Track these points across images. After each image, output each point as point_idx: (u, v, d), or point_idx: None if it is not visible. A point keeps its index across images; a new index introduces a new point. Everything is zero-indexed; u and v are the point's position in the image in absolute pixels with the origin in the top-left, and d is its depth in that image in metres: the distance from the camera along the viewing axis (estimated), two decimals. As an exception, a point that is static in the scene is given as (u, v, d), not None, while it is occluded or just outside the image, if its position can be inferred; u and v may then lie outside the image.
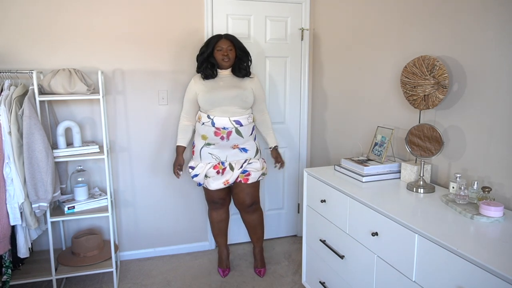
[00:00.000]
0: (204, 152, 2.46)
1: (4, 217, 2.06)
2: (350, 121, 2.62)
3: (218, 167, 2.47)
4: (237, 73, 2.46)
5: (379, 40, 2.26)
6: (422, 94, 1.80)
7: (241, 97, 2.40)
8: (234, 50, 2.42)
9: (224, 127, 2.39)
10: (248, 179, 2.49)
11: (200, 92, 2.43)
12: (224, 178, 2.46)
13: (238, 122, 2.41)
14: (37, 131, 2.08)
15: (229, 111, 2.40)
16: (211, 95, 2.38)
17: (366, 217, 1.67)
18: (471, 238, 1.30)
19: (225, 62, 2.40)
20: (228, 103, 2.38)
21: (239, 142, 2.45)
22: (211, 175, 2.46)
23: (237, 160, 2.48)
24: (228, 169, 2.47)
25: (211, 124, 2.40)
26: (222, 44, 2.39)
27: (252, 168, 2.50)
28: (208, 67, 2.43)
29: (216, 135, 2.41)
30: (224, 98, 2.38)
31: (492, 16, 1.58)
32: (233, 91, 2.40)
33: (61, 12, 2.49)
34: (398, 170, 2.00)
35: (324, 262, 2.07)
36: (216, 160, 2.47)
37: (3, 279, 2.17)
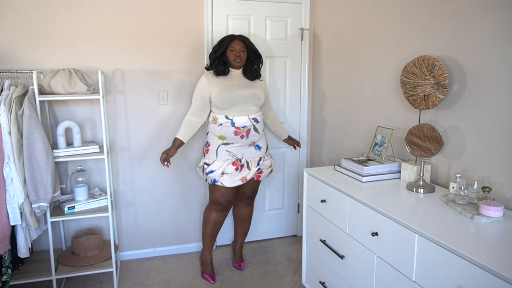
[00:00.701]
0: (221, 150, 2.47)
1: (4, 217, 2.06)
2: (350, 121, 2.62)
3: (237, 163, 2.49)
4: (248, 75, 2.50)
5: (379, 40, 2.26)
6: (422, 94, 1.80)
7: (256, 96, 2.46)
8: (246, 52, 2.45)
9: (244, 125, 2.42)
10: (260, 176, 2.60)
11: (215, 90, 2.41)
12: (241, 175, 2.50)
13: (255, 119, 2.46)
14: (37, 131, 2.08)
15: (247, 110, 2.43)
16: (229, 94, 2.39)
17: (366, 217, 1.67)
18: (471, 238, 1.30)
19: (237, 63, 2.43)
20: (245, 102, 2.42)
21: (256, 138, 2.51)
22: (229, 171, 2.46)
23: (252, 158, 2.54)
24: (245, 167, 2.51)
25: (230, 124, 2.40)
26: (235, 45, 2.42)
27: (264, 166, 2.60)
28: (220, 64, 2.44)
29: (236, 134, 2.42)
30: (241, 97, 2.41)
31: (492, 16, 1.58)
32: (249, 90, 2.45)
33: (61, 12, 2.49)
34: (398, 170, 2.00)
35: (324, 262, 2.07)
36: (233, 157, 2.48)
37: (3, 279, 2.17)
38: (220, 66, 2.44)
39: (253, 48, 2.48)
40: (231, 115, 2.41)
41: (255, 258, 2.94)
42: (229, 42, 2.42)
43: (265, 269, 2.77)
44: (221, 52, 2.42)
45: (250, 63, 2.49)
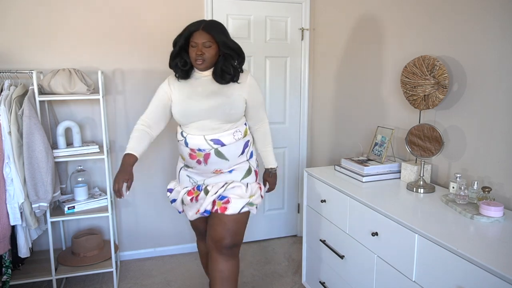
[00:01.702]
0: (183, 174, 1.96)
1: (4, 217, 2.06)
2: (350, 121, 2.62)
3: (193, 193, 1.91)
4: (218, 78, 1.78)
5: (379, 40, 2.26)
6: (422, 94, 1.80)
7: (224, 108, 1.76)
8: (216, 47, 1.76)
9: (199, 148, 1.79)
10: (227, 208, 1.81)
11: (174, 99, 1.84)
12: (197, 206, 1.90)
13: (217, 141, 1.78)
14: (37, 131, 2.08)
15: (205, 127, 1.77)
16: (185, 106, 1.79)
17: (366, 217, 1.67)
18: (471, 238, 1.30)
19: (198, 64, 1.75)
20: (204, 116, 1.76)
21: (222, 166, 1.84)
22: (186, 202, 1.94)
23: (215, 183, 1.88)
24: (202, 194, 1.88)
25: (184, 143, 1.83)
26: (197, 38, 1.72)
27: (234, 194, 1.84)
28: (178, 66, 1.82)
29: (191, 157, 1.84)
30: (200, 110, 1.76)
31: (492, 16, 1.58)
32: (212, 100, 1.76)
33: (61, 12, 2.49)
34: (398, 170, 2.00)
35: (324, 262, 2.07)
36: (192, 184, 1.93)
37: (3, 279, 2.17)
38: (178, 68, 1.82)
39: (224, 40, 1.76)
40: (185, 132, 1.83)
41: (255, 258, 2.94)
42: (191, 34, 1.75)
43: (265, 269, 2.77)
44: (180, 46, 1.79)
45: (223, 60, 1.78)
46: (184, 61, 1.81)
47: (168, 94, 1.86)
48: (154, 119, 1.87)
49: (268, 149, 2.02)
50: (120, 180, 1.72)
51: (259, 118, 1.94)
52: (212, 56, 1.75)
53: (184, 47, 1.79)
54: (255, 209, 1.89)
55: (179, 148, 1.89)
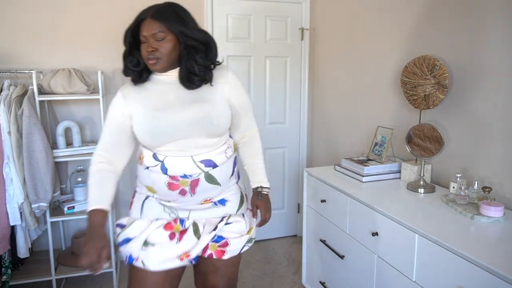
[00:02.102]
0: (151, 203, 1.42)
1: (4, 217, 2.06)
2: (350, 121, 2.62)
3: (173, 227, 1.40)
4: (184, 81, 1.33)
5: (379, 39, 2.26)
6: (422, 94, 1.80)
7: (210, 119, 1.33)
8: (173, 39, 1.29)
9: (184, 174, 1.33)
10: (225, 251, 1.45)
11: (136, 115, 1.35)
12: (182, 248, 1.38)
13: (209, 162, 1.35)
14: (37, 131, 2.08)
15: (190, 145, 1.33)
16: (155, 123, 1.32)
17: (366, 217, 1.67)
18: (471, 238, 1.30)
19: (151, 64, 1.29)
20: (185, 132, 1.32)
21: (213, 194, 1.41)
22: (157, 240, 1.37)
23: (206, 219, 1.43)
24: (191, 234, 1.40)
25: (160, 169, 1.34)
26: (145, 30, 1.28)
27: (233, 233, 1.46)
28: (128, 67, 1.36)
29: (171, 188, 1.34)
30: (178, 124, 1.31)
31: (493, 16, 1.57)
32: (194, 110, 1.32)
33: (60, 12, 2.49)
34: (398, 170, 2.00)
35: (324, 262, 2.07)
36: (170, 215, 1.41)
37: (3, 279, 2.17)
38: (128, 70, 1.36)
39: (181, 29, 1.28)
40: (161, 155, 1.34)
41: (255, 258, 2.94)
42: (138, 26, 1.32)
43: (265, 269, 2.77)
44: (130, 43, 1.33)
45: (187, 57, 1.31)
46: (137, 61, 1.34)
47: (125, 111, 1.36)
48: (114, 151, 1.38)
49: (258, 162, 1.55)
50: (91, 252, 1.17)
51: (247, 125, 1.52)
52: (169, 52, 1.28)
53: (135, 44, 1.33)
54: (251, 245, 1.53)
55: (146, 176, 1.38)
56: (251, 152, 1.55)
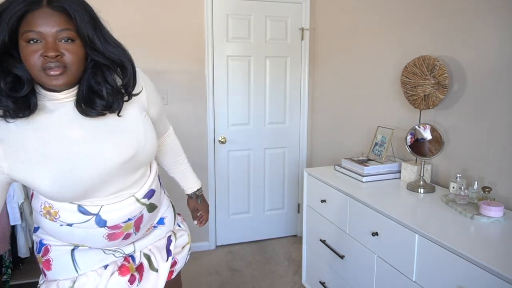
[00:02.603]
0: (83, 251, 1.10)
1: (4, 217, 2.06)
2: (350, 121, 2.62)
3: (129, 268, 1.13)
4: (81, 103, 0.94)
5: (379, 40, 2.26)
6: (422, 94, 1.80)
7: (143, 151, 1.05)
8: (81, 45, 0.90)
9: (129, 218, 1.07)
10: (174, 271, 1.29)
11: (26, 169, 0.93)
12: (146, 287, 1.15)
13: (150, 193, 1.14)
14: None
15: (128, 185, 1.07)
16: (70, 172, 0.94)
17: (366, 217, 1.67)
18: (471, 238, 1.30)
19: (53, 74, 0.87)
20: (121, 173, 1.02)
21: (154, 219, 1.23)
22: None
23: (154, 245, 1.22)
24: (147, 267, 1.17)
25: (95, 223, 1.03)
26: (40, 23, 0.84)
27: (177, 248, 1.31)
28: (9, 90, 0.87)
29: (112, 239, 1.08)
30: (111, 167, 0.99)
31: (493, 16, 1.58)
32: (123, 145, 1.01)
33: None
34: (398, 170, 2.00)
35: (324, 262, 2.07)
36: (117, 256, 1.13)
37: (3, 279, 2.17)
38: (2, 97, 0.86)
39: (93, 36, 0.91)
40: (93, 205, 1.02)
41: (255, 258, 2.94)
42: (22, 17, 0.84)
43: (265, 269, 2.77)
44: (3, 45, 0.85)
45: (92, 71, 0.95)
46: (14, 78, 0.88)
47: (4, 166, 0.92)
48: None
49: (186, 167, 1.41)
50: None
51: (164, 128, 1.30)
52: (78, 60, 0.90)
53: (7, 50, 0.86)
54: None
55: (67, 235, 1.05)
56: (175, 158, 1.38)
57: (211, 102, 2.86)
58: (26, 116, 0.90)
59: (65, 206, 1.00)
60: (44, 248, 1.11)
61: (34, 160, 0.92)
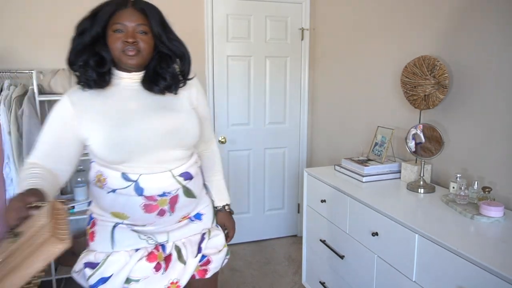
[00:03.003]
0: (123, 231, 1.22)
1: (4, 217, 2.06)
2: (350, 121, 2.62)
3: (157, 256, 1.22)
4: (147, 83, 1.21)
5: (379, 40, 2.26)
6: (422, 94, 1.80)
7: (184, 129, 1.23)
8: (152, 39, 1.18)
9: (164, 192, 1.18)
10: (208, 270, 1.33)
11: (91, 127, 1.16)
12: (169, 278, 1.23)
13: (187, 175, 1.24)
14: (37, 131, 2.08)
15: (167, 159, 1.20)
16: (122, 134, 1.15)
17: (366, 217, 1.67)
18: (471, 238, 1.30)
19: (128, 57, 1.14)
20: (161, 144, 1.19)
21: (190, 209, 1.30)
22: (141, 275, 1.20)
23: (188, 239, 1.30)
24: (175, 258, 1.25)
25: (134, 191, 1.16)
26: (126, 18, 1.14)
27: (213, 249, 1.36)
28: (88, 66, 1.17)
29: (148, 210, 1.19)
30: (153, 134, 1.17)
31: (492, 17, 1.58)
32: (165, 120, 1.20)
33: (61, 12, 2.48)
34: (398, 170, 2.00)
35: (324, 262, 2.07)
36: (149, 242, 1.23)
37: (3, 279, 2.17)
38: (89, 70, 1.16)
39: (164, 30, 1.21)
40: (133, 173, 1.17)
41: (255, 258, 2.94)
42: (112, 14, 1.15)
43: (265, 269, 2.77)
44: (94, 35, 1.16)
45: (160, 59, 1.22)
46: (100, 58, 1.16)
47: (71, 123, 1.16)
48: (49, 159, 1.17)
49: (219, 178, 1.48)
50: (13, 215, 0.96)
51: (208, 136, 1.43)
52: (149, 48, 1.17)
53: (99, 37, 1.15)
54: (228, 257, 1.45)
55: (112, 202, 1.19)
56: (213, 168, 1.46)
57: (211, 102, 2.86)
58: (102, 88, 1.18)
59: (111, 173, 1.17)
60: (92, 221, 1.29)
61: (96, 121, 1.15)
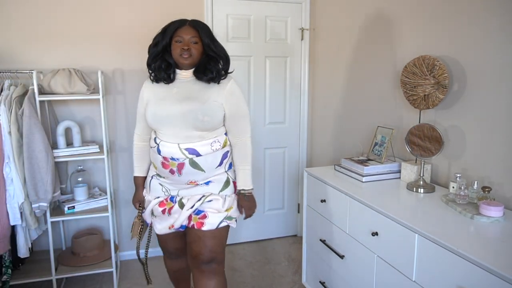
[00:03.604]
0: (154, 182, 1.78)
1: (4, 217, 2.06)
2: (350, 121, 2.62)
3: (165, 204, 1.75)
4: (200, 75, 1.67)
5: (379, 40, 2.26)
6: (422, 94, 1.80)
7: (196, 114, 1.61)
8: (201, 44, 1.66)
9: (172, 157, 1.64)
10: (203, 223, 1.69)
11: (149, 102, 1.72)
12: (169, 221, 1.74)
13: (192, 151, 1.64)
14: (37, 131, 2.08)
15: (179, 135, 1.64)
16: (156, 108, 1.67)
17: (366, 217, 1.67)
18: (471, 238, 1.30)
19: (184, 59, 1.63)
20: (176, 122, 1.63)
21: (197, 178, 1.69)
22: (157, 213, 1.78)
23: (191, 196, 1.72)
24: (177, 208, 1.73)
25: (157, 150, 1.68)
26: (183, 33, 1.63)
27: (211, 209, 1.71)
28: (161, 68, 1.69)
29: (164, 167, 1.68)
30: (171, 114, 1.64)
31: (492, 16, 1.58)
32: (185, 105, 1.63)
33: (61, 12, 2.49)
34: (398, 170, 2.00)
35: (324, 262, 2.07)
36: (165, 194, 1.76)
37: (3, 279, 2.17)
38: (161, 71, 1.69)
39: (209, 42, 1.67)
40: (159, 139, 1.69)
41: (255, 258, 2.94)
42: (176, 30, 1.65)
43: (265, 269, 2.77)
44: (164, 45, 1.66)
45: (208, 60, 1.68)
46: (167, 63, 1.68)
47: (145, 100, 1.75)
48: (146, 130, 1.81)
49: (246, 168, 1.76)
50: (134, 203, 1.92)
51: (239, 130, 1.73)
52: (198, 53, 1.65)
53: (167, 47, 1.67)
54: (235, 222, 1.78)
55: (151, 155, 1.75)
56: (240, 158, 1.76)
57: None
58: (168, 83, 1.71)
59: (153, 136, 1.72)
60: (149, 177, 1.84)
61: (152, 101, 1.70)
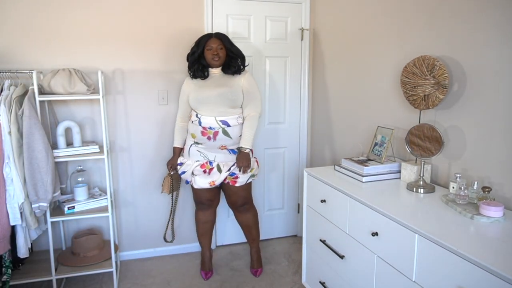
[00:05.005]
0: (193, 150, 2.47)
1: (4, 217, 2.06)
2: (350, 121, 2.62)
3: (206, 166, 2.46)
4: (227, 70, 2.44)
5: (379, 40, 2.26)
6: (422, 94, 1.80)
7: (228, 95, 2.37)
8: (225, 49, 2.41)
9: (210, 126, 2.38)
10: (236, 182, 2.47)
11: (191, 91, 2.45)
12: (211, 179, 2.45)
13: (225, 122, 2.39)
14: (37, 131, 2.08)
15: (216, 110, 2.38)
16: (198, 94, 2.40)
17: (366, 217, 1.67)
18: (471, 238, 1.30)
19: (215, 61, 2.38)
20: (214, 101, 2.37)
21: (227, 143, 2.43)
22: (197, 173, 2.46)
23: (225, 162, 2.47)
24: (216, 170, 2.46)
25: (198, 123, 2.40)
26: (212, 43, 2.38)
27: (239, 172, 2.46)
28: (199, 69, 2.44)
29: (203, 134, 2.40)
30: (210, 96, 2.37)
31: (492, 17, 1.58)
32: (219, 89, 2.38)
33: (61, 12, 2.49)
34: (398, 170, 2.00)
35: (324, 262, 2.07)
36: (204, 159, 2.47)
37: (3, 279, 2.17)
38: (199, 72, 2.44)
39: (229, 46, 2.42)
40: (200, 114, 2.41)
41: (255, 258, 2.94)
42: (206, 41, 2.38)
43: (265, 269, 2.77)
44: (199, 53, 2.40)
45: (230, 59, 2.44)
46: (203, 66, 2.45)
47: (187, 91, 2.50)
48: (186, 113, 2.56)
49: (248, 131, 2.43)
50: (168, 164, 2.62)
51: (251, 106, 2.47)
52: (223, 56, 2.41)
53: (201, 54, 2.41)
54: (256, 177, 2.59)
55: (192, 128, 2.46)
56: (248, 126, 2.45)
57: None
58: (203, 79, 2.48)
59: (193, 113, 2.47)
60: (185, 141, 2.58)
61: (193, 90, 2.46)
